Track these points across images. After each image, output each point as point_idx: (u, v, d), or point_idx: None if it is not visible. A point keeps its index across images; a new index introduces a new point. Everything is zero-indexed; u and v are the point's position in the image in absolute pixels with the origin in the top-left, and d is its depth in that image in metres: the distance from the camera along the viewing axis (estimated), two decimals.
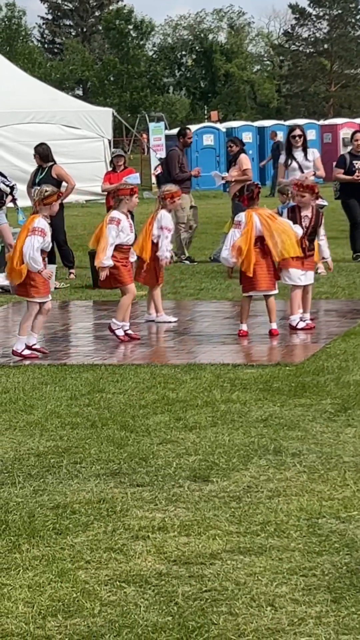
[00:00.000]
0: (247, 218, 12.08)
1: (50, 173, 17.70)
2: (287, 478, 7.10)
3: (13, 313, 14.91)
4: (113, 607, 5.23)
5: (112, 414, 8.96)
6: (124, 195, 12.35)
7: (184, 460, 7.58)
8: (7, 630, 5.02)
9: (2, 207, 18.04)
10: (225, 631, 4.92)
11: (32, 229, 11.32)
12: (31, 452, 7.97)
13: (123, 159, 20.25)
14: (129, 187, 12.61)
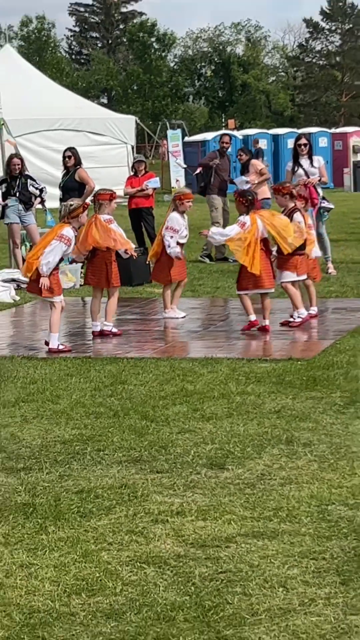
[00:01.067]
0: (252, 221, 12.13)
1: (74, 175, 17.72)
2: (299, 467, 7.10)
3: (41, 309, 14.92)
4: (134, 586, 5.24)
5: (133, 404, 8.97)
6: (103, 200, 12.41)
7: (201, 448, 7.58)
8: (34, 607, 5.04)
9: (31, 209, 18.08)
10: (239, 610, 4.93)
11: (60, 235, 11.44)
12: (57, 439, 7.99)
13: (144, 164, 20.23)
14: (108, 193, 12.64)
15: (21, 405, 9.10)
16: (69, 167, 17.84)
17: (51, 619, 4.91)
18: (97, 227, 12.14)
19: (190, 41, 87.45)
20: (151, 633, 4.73)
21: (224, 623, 4.81)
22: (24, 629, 4.82)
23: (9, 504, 6.51)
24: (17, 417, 8.70)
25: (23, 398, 9.34)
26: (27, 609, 5.03)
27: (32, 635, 4.76)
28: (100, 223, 12.17)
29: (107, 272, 12.28)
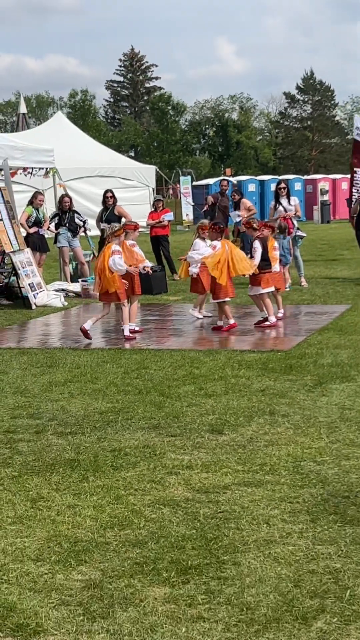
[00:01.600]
0: (222, 245, 12.30)
1: (113, 211, 17.71)
2: (279, 432, 7.09)
3: (84, 311, 14.92)
4: (154, 522, 5.24)
5: (153, 384, 8.96)
6: (129, 229, 12.52)
7: (205, 418, 7.57)
8: (78, 538, 5.04)
9: (77, 235, 18.11)
10: (233, 541, 4.93)
11: (112, 251, 11.71)
12: (96, 410, 7.98)
13: (162, 202, 20.24)
14: (133, 224, 12.77)
15: (68, 384, 9.10)
16: (109, 204, 17.83)
17: (91, 547, 4.91)
18: (124, 250, 12.19)
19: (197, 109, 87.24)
20: (167, 558, 4.73)
21: (222, 551, 4.81)
22: (71, 555, 4.82)
23: (59, 459, 6.51)
24: (65, 394, 8.70)
25: (70, 379, 9.34)
26: (73, 539, 5.03)
27: (77, 559, 4.77)
28: (127, 246, 12.25)
29: (132, 283, 12.31)
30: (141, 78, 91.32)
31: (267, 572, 4.54)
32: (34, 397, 8.58)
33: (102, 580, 4.51)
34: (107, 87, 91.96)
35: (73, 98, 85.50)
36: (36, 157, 18.72)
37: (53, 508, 5.54)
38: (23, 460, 6.55)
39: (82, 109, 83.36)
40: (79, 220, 18.06)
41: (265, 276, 12.49)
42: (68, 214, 17.95)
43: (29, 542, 5.02)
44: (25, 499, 5.72)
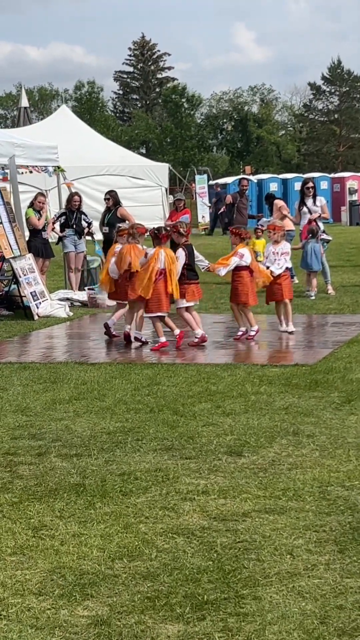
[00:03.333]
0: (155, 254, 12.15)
1: (116, 213, 17.77)
2: (303, 454, 7.07)
3: (91, 322, 14.95)
4: (166, 553, 5.24)
5: (166, 402, 8.96)
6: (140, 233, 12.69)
7: (222, 439, 7.57)
8: (84, 570, 5.05)
9: (82, 238, 18.21)
10: (253, 573, 4.92)
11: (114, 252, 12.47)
12: (103, 430, 7.99)
13: (183, 201, 20.25)
14: (143, 227, 12.91)
15: (74, 402, 9.11)
16: (110, 206, 17.90)
17: (98, 580, 4.91)
18: (134, 252, 12.27)
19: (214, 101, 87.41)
20: (181, 592, 4.72)
21: (241, 584, 4.80)
22: (75, 588, 4.82)
23: (64, 484, 6.52)
24: (70, 412, 8.71)
25: (75, 396, 9.35)
26: (78, 571, 5.04)
27: (83, 593, 4.77)
28: (136, 249, 12.34)
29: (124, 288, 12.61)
30: (153, 68, 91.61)
31: (290, 607, 4.53)
32: (36, 416, 8.60)
33: (110, 617, 4.50)
34: (115, 78, 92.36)
35: (79, 90, 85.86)
36: (39, 155, 18.79)
37: (57, 537, 5.54)
38: (24, 485, 6.56)
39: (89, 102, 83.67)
40: (84, 222, 18.14)
41: (191, 287, 12.38)
42: (76, 214, 18.03)
43: (30, 575, 5.02)
44: (26, 527, 5.73)
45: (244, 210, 20.58)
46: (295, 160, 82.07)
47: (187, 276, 12.36)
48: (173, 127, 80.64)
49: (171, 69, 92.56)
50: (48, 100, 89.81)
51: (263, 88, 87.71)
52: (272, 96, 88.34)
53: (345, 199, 42.96)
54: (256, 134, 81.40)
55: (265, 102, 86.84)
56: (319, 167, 74.65)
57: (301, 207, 17.44)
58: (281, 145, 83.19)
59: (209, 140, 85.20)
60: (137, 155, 48.12)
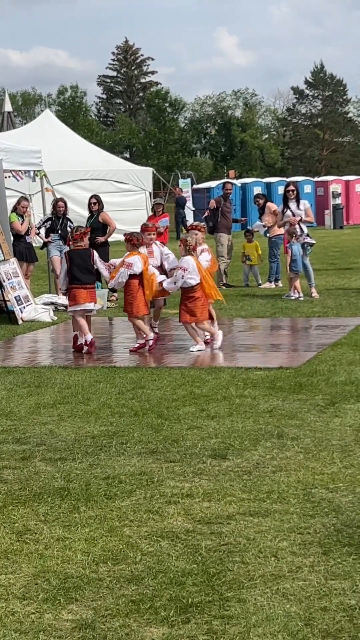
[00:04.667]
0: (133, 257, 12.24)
1: (97, 218, 17.76)
2: (288, 457, 7.08)
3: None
4: (151, 556, 5.23)
5: (150, 405, 8.96)
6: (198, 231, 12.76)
7: (207, 442, 7.57)
8: (68, 574, 5.03)
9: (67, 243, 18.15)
10: (238, 576, 4.92)
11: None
12: (88, 434, 7.98)
13: (162, 206, 20.30)
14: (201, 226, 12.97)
15: (58, 406, 9.10)
16: (94, 211, 17.87)
17: (82, 584, 4.90)
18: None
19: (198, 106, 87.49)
20: (165, 595, 4.72)
21: (225, 587, 4.80)
22: (60, 592, 4.81)
23: (48, 488, 6.50)
24: (54, 416, 8.69)
25: (59, 400, 9.34)
26: (63, 575, 5.02)
27: (67, 597, 4.75)
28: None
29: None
30: (136, 72, 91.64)
31: (275, 609, 4.53)
32: (20, 420, 8.58)
33: (95, 620, 4.49)
34: (99, 82, 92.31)
35: (62, 95, 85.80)
36: (22, 159, 18.77)
37: (41, 541, 5.53)
38: (8, 489, 6.55)
39: (72, 106, 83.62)
40: (69, 228, 18.11)
41: (72, 292, 12.43)
42: (62, 220, 18.00)
43: (14, 579, 5.01)
44: (10, 531, 5.71)
45: (228, 214, 20.59)
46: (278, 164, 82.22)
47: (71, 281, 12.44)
48: (157, 132, 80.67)
49: (155, 74, 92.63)
50: (31, 105, 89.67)
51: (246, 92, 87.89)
52: (256, 100, 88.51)
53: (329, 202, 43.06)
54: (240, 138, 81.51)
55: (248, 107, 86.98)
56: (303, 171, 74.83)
57: (285, 210, 17.48)
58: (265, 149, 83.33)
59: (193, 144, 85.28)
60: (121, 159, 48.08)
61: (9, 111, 46.33)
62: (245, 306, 16.41)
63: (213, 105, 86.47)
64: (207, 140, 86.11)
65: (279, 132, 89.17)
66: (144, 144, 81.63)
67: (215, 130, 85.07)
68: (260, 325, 14.18)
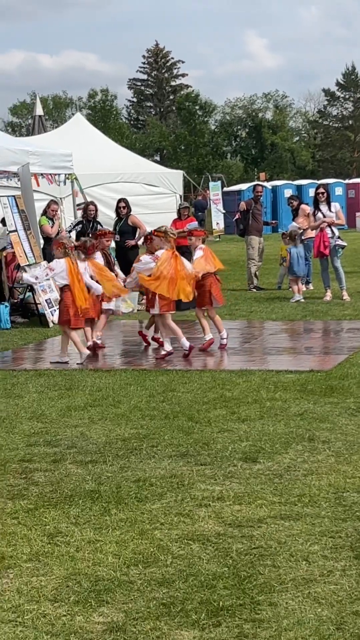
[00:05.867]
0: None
1: (126, 221, 17.79)
2: (319, 460, 7.06)
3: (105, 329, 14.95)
4: (182, 559, 5.23)
5: (181, 408, 8.96)
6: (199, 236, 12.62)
7: (238, 445, 7.56)
8: (99, 576, 5.04)
9: None
10: (269, 580, 4.91)
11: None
12: (118, 437, 7.99)
13: (188, 209, 20.32)
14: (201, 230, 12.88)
15: (89, 409, 9.12)
16: (123, 214, 17.90)
17: (113, 586, 4.91)
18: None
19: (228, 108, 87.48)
20: (196, 598, 4.72)
21: (256, 590, 4.79)
22: (91, 594, 4.82)
23: (79, 491, 6.52)
24: (85, 419, 8.72)
25: (90, 403, 9.36)
26: (94, 577, 5.04)
27: (98, 599, 4.76)
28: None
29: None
30: (167, 76, 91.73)
31: (306, 613, 4.51)
32: (52, 423, 8.61)
33: (126, 623, 4.50)
34: (129, 86, 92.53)
35: (92, 98, 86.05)
36: (54, 163, 18.84)
37: (72, 544, 5.55)
38: (39, 491, 6.57)
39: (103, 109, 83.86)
40: None
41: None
42: (92, 224, 18.06)
43: (45, 581, 5.02)
44: (41, 534, 5.73)
45: (259, 216, 20.56)
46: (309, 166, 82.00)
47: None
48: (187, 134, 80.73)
49: (185, 76, 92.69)
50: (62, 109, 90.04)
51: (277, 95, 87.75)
52: (286, 102, 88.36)
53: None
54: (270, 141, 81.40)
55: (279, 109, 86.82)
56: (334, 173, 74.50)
57: (316, 213, 17.44)
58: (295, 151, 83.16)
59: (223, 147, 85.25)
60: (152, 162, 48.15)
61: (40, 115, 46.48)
62: (276, 309, 16.38)
63: (243, 108, 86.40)
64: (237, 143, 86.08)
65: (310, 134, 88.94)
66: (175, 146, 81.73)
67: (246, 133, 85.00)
68: (291, 328, 14.15)
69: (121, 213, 17.94)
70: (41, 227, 17.45)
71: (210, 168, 73.80)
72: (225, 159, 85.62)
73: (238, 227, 20.84)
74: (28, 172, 17.15)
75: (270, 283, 20.52)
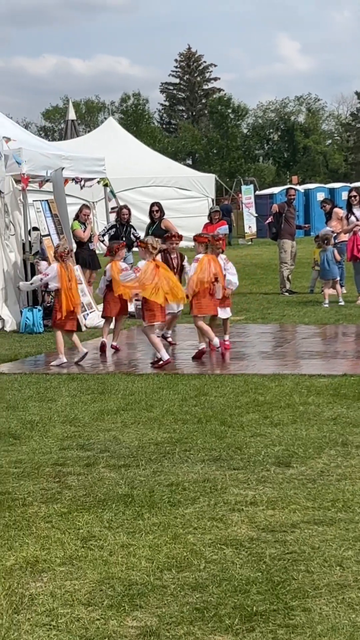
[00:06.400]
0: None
1: (159, 225, 17.80)
2: (352, 465, 7.02)
3: (138, 333, 14.98)
4: (215, 564, 5.22)
5: (214, 412, 8.95)
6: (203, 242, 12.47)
7: (270, 449, 7.54)
8: (133, 580, 5.05)
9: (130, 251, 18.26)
10: (303, 585, 4.89)
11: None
12: (151, 441, 8.00)
13: (218, 213, 20.33)
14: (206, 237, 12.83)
15: (121, 413, 9.14)
16: (156, 218, 17.91)
17: (147, 590, 4.91)
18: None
19: (260, 111, 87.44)
20: (229, 603, 4.71)
21: (290, 595, 4.77)
22: (124, 599, 4.83)
23: (112, 495, 6.53)
24: (118, 423, 8.73)
25: (123, 407, 9.38)
26: (127, 582, 5.04)
27: (132, 603, 4.77)
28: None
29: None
30: (199, 79, 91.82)
31: (340, 619, 4.49)
32: (84, 427, 8.64)
33: (159, 627, 4.50)
34: (162, 90, 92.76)
35: (125, 102, 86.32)
36: (86, 167, 18.92)
37: (105, 548, 5.56)
38: (73, 495, 6.59)
39: (135, 114, 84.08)
40: (133, 237, 18.19)
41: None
42: (126, 227, 18.10)
43: (79, 585, 5.04)
44: (75, 537, 5.75)
45: (292, 220, 20.52)
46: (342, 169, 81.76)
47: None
48: (219, 138, 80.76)
49: (217, 80, 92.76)
50: (95, 113, 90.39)
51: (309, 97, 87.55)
52: (319, 105, 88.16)
53: None
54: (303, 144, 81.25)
55: (311, 112, 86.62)
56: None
57: (349, 216, 17.38)
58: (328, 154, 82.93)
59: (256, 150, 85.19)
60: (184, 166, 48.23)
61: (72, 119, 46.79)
62: (309, 313, 16.33)
63: (276, 111, 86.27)
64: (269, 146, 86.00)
65: (343, 137, 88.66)
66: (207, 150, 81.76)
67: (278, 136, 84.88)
68: (324, 332, 14.10)
69: (154, 217, 17.96)
70: (73, 231, 17.52)
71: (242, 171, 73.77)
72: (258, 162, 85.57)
73: (270, 230, 20.80)
74: (61, 176, 17.21)
75: (302, 287, 20.47)
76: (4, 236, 16.06)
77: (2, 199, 15.99)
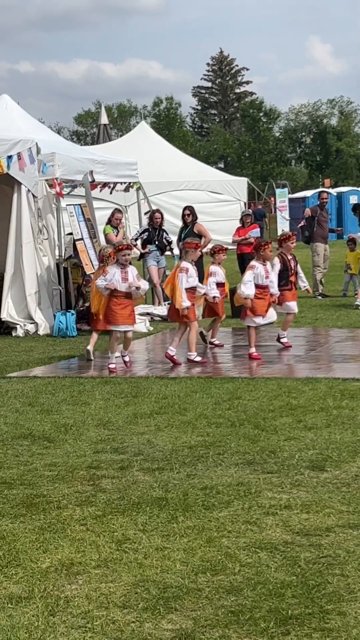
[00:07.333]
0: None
1: (192, 229, 17.81)
2: None
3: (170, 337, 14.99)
4: (249, 567, 5.22)
5: (247, 416, 8.95)
6: (189, 248, 12.40)
7: (304, 453, 7.53)
8: (167, 583, 5.06)
9: (164, 254, 18.34)
10: (338, 589, 4.88)
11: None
12: (185, 445, 8.01)
13: (250, 217, 20.35)
14: (194, 242, 12.67)
15: (155, 416, 9.16)
16: (188, 222, 17.92)
17: (181, 593, 4.92)
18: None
19: (292, 115, 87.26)
20: (264, 606, 4.71)
21: (325, 599, 4.76)
22: (159, 601, 4.84)
23: (146, 498, 6.55)
24: (151, 426, 8.75)
25: (156, 410, 9.40)
26: (162, 584, 5.05)
27: (167, 606, 4.78)
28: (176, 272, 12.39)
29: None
30: (231, 83, 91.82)
31: None
32: (118, 430, 8.67)
33: (194, 630, 4.51)
34: (194, 93, 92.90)
35: (157, 106, 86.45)
36: (119, 171, 18.98)
37: (140, 551, 5.57)
38: (107, 498, 6.62)
39: (167, 117, 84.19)
40: (165, 241, 18.25)
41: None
42: (159, 231, 18.15)
43: (114, 588, 5.06)
44: (110, 540, 5.77)
45: (325, 223, 20.48)
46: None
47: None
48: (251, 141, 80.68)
49: (249, 83, 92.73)
50: (127, 117, 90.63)
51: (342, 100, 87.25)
52: (351, 108, 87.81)
53: None
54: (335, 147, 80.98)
55: (344, 115, 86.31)
56: None
57: None
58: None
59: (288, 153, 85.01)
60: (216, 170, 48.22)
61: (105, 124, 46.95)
62: (342, 316, 16.28)
63: (308, 114, 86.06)
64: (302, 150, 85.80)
65: None
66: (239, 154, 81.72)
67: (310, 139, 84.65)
68: (358, 336, 14.05)
69: (187, 221, 17.98)
70: (105, 235, 17.58)
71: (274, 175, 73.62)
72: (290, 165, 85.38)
73: (303, 234, 20.76)
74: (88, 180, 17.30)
75: (335, 290, 20.40)
76: (38, 240, 16.15)
77: (36, 203, 16.07)
